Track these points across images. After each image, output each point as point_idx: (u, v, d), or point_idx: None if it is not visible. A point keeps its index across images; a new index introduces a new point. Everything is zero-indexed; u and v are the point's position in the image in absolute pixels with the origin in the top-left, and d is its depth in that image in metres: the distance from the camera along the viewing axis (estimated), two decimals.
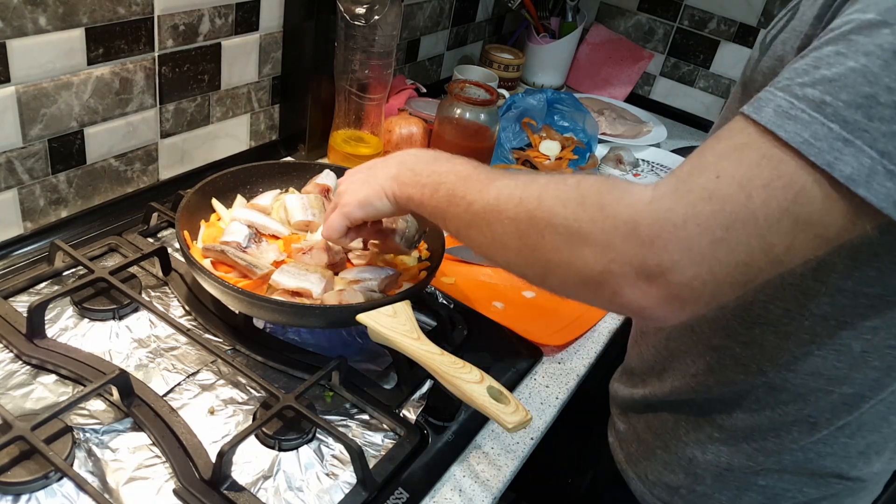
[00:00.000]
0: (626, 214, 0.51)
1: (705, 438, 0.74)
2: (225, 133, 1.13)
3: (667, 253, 0.49)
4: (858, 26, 0.47)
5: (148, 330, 0.82)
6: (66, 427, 0.67)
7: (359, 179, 0.75)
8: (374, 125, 1.22)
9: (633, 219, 0.50)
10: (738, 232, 0.48)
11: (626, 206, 0.51)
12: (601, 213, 0.52)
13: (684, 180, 0.50)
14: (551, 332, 0.96)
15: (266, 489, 0.68)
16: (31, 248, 0.91)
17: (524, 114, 1.42)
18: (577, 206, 0.54)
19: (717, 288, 0.50)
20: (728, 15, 1.69)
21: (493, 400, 0.66)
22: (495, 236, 0.60)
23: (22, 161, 0.87)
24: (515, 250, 0.59)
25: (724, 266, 0.49)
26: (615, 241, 0.51)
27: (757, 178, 0.48)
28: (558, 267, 0.55)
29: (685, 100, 1.82)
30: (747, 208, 0.48)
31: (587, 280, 0.53)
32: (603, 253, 0.52)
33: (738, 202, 0.48)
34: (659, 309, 0.51)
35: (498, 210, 0.59)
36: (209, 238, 0.87)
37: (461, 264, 1.06)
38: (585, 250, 0.53)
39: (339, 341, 0.88)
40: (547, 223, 0.55)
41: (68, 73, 0.86)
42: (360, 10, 1.09)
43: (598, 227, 0.52)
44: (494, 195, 0.60)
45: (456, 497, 0.72)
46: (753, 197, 0.48)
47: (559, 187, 0.56)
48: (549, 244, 0.55)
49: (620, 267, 0.51)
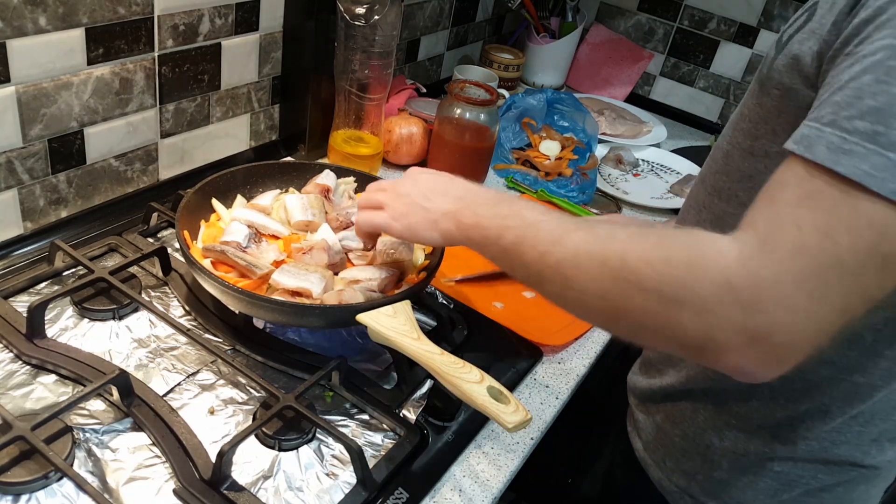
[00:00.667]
0: (720, 276, 0.50)
1: (722, 425, 0.76)
2: (225, 133, 1.13)
3: (769, 315, 0.48)
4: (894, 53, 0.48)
5: (148, 330, 0.82)
6: (66, 427, 0.67)
7: (413, 198, 0.73)
8: (374, 125, 1.22)
9: (728, 280, 0.49)
10: (833, 280, 0.48)
11: (716, 265, 0.50)
12: (692, 274, 0.51)
13: (767, 237, 0.50)
14: (551, 332, 0.96)
15: (266, 489, 0.68)
16: (31, 248, 0.91)
17: (524, 114, 1.42)
18: (664, 265, 0.52)
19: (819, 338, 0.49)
20: (728, 15, 1.69)
21: (493, 400, 0.66)
22: (575, 294, 0.58)
23: (22, 161, 0.87)
24: (599, 310, 0.57)
25: (825, 316, 0.49)
26: (713, 306, 0.50)
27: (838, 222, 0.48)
28: (653, 330, 0.54)
29: (685, 100, 1.82)
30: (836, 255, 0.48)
31: (687, 345, 0.52)
32: (702, 318, 0.50)
33: (826, 251, 0.48)
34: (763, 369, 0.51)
35: (577, 267, 0.57)
36: (209, 238, 0.87)
37: (462, 267, 1.06)
38: (683, 315, 0.51)
39: (339, 341, 0.88)
40: (635, 286, 0.53)
41: (68, 73, 0.86)
42: (360, 10, 1.09)
43: (692, 290, 0.51)
44: (572, 251, 0.58)
45: (456, 497, 0.72)
46: (840, 243, 0.48)
47: (642, 245, 0.54)
48: (640, 307, 0.53)
49: (723, 333, 0.50)
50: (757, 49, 1.68)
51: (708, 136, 1.74)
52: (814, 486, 0.75)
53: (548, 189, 1.31)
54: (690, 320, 0.51)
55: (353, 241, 0.90)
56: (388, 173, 1.29)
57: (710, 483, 0.78)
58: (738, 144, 0.70)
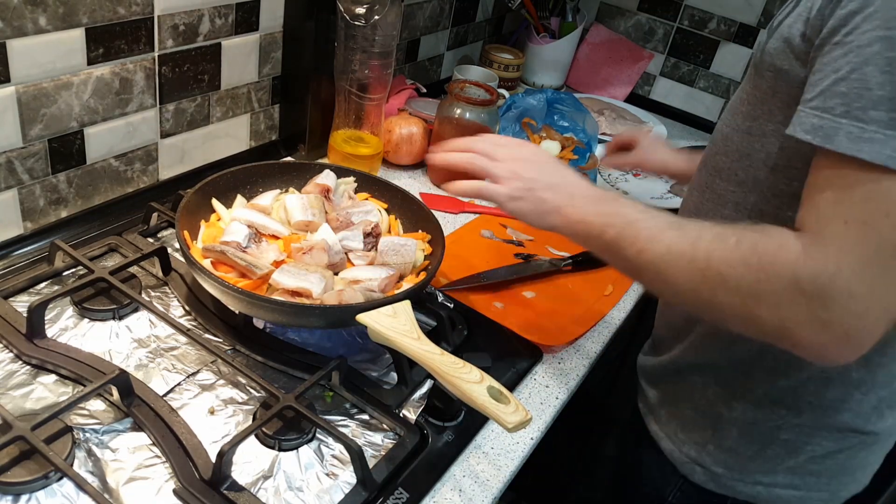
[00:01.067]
0: (788, 273, 0.57)
1: (729, 397, 0.80)
2: (225, 133, 1.13)
3: (835, 305, 0.55)
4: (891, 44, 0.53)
5: (148, 330, 0.82)
6: (66, 427, 0.67)
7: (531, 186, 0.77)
8: (374, 125, 1.22)
9: (795, 276, 0.56)
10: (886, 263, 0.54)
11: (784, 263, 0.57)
12: (765, 274, 0.58)
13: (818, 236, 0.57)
14: (551, 332, 0.96)
15: (266, 489, 0.68)
16: (31, 248, 0.91)
17: (524, 114, 1.42)
18: (742, 267, 0.60)
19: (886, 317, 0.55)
20: (728, 15, 1.69)
21: (493, 400, 0.66)
22: (668, 287, 0.67)
23: (22, 161, 0.87)
24: (690, 301, 0.66)
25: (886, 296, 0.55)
26: (784, 301, 0.57)
27: (876, 208, 0.54)
28: (735, 320, 0.62)
29: (685, 100, 1.82)
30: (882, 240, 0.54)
31: (766, 333, 0.60)
32: (777, 312, 0.58)
33: (872, 239, 0.54)
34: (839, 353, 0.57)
35: (670, 264, 0.65)
36: (209, 238, 0.87)
37: (462, 267, 1.06)
38: (760, 309, 0.59)
39: (340, 341, 0.88)
40: (719, 283, 0.61)
41: (68, 73, 0.86)
42: (360, 10, 1.09)
43: (765, 287, 0.58)
44: (665, 248, 0.65)
45: (456, 497, 0.72)
46: (882, 227, 0.54)
47: (724, 247, 0.62)
48: (723, 301, 0.61)
49: (796, 325, 0.57)
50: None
51: (708, 136, 1.74)
52: (819, 452, 0.79)
53: None
54: (768, 314, 0.58)
55: (353, 241, 0.90)
56: (388, 173, 1.29)
57: (721, 452, 0.82)
58: (737, 127, 0.74)
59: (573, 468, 1.64)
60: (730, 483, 0.83)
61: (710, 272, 0.62)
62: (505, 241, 1.16)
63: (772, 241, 0.59)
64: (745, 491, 0.83)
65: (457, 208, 1.23)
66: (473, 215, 1.22)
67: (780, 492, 0.82)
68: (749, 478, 0.82)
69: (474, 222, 1.20)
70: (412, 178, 1.30)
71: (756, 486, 0.82)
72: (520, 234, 1.19)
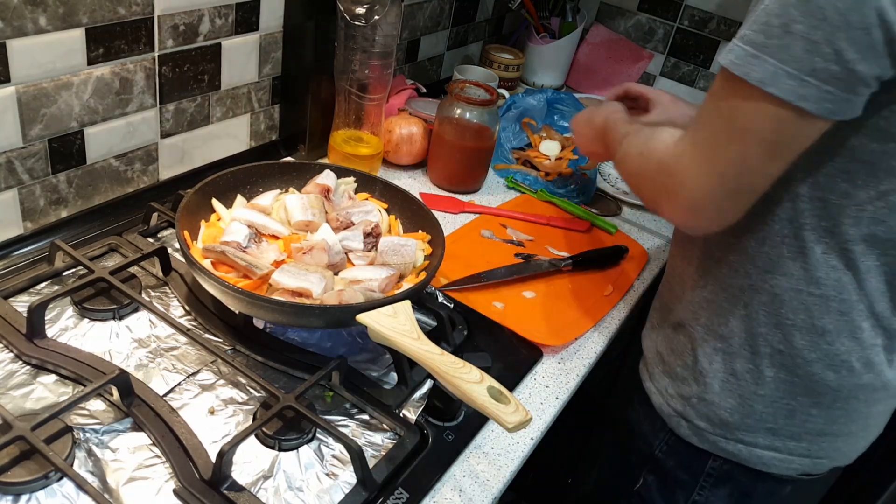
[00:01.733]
0: (656, 157, 0.75)
1: (710, 350, 0.84)
2: (225, 133, 1.13)
3: (678, 175, 0.71)
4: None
5: (148, 330, 0.82)
6: (66, 427, 0.67)
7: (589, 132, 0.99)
8: (374, 125, 1.22)
9: (659, 160, 0.74)
10: (722, 148, 0.67)
11: (656, 150, 0.75)
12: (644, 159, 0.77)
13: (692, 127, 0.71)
14: (551, 333, 0.96)
15: (266, 489, 0.68)
16: (31, 248, 0.91)
17: (524, 114, 1.42)
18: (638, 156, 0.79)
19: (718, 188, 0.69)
20: (728, 15, 1.69)
21: (493, 400, 0.66)
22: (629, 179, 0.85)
23: (22, 161, 0.87)
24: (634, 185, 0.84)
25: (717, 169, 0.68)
26: (653, 179, 0.75)
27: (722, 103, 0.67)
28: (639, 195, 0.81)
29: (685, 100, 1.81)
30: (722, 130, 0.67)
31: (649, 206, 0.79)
32: (650, 186, 0.77)
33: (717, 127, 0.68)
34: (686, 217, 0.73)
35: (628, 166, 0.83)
36: (209, 238, 0.87)
37: (462, 267, 1.06)
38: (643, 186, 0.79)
39: (340, 341, 0.88)
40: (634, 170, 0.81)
41: (68, 73, 0.86)
42: (360, 10, 1.09)
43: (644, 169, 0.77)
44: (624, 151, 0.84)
45: (456, 497, 0.72)
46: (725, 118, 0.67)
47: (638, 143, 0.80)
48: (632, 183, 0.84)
49: (658, 195, 0.75)
50: None
51: None
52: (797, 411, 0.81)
53: (548, 189, 1.31)
54: (647, 190, 0.78)
55: (354, 241, 0.90)
56: (388, 173, 1.29)
57: (703, 405, 0.86)
58: None
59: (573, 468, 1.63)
60: (712, 438, 0.86)
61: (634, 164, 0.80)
62: (505, 241, 1.16)
63: (660, 137, 0.75)
64: (726, 448, 0.85)
65: (457, 208, 1.23)
66: (473, 215, 1.22)
67: (760, 452, 0.84)
68: (731, 435, 0.85)
69: (474, 222, 1.20)
70: (412, 178, 1.30)
71: (738, 445, 0.85)
72: (520, 234, 1.19)
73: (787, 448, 0.84)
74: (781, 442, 0.83)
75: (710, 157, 0.68)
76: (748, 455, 0.85)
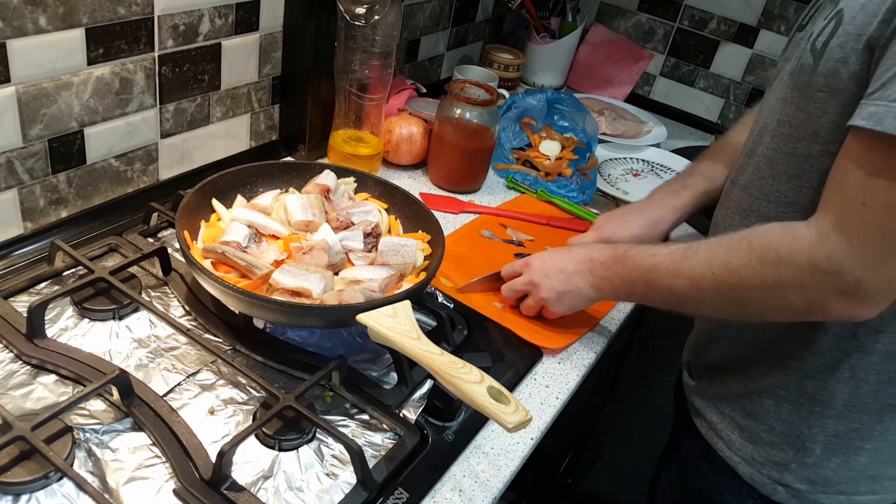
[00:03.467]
0: (804, 258, 0.67)
1: (807, 414, 0.80)
2: (225, 133, 1.13)
3: (850, 275, 0.64)
4: None
5: (148, 330, 0.82)
6: (66, 427, 0.67)
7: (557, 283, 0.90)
8: (374, 125, 1.22)
9: (811, 259, 0.66)
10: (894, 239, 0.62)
11: (799, 250, 0.67)
12: (784, 264, 0.68)
13: (839, 217, 0.65)
14: (551, 335, 0.96)
15: (266, 489, 0.68)
16: (31, 248, 0.91)
17: (524, 114, 1.42)
18: (761, 264, 0.69)
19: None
20: (728, 15, 1.69)
21: (493, 400, 0.66)
22: (704, 304, 0.76)
23: (22, 161, 0.87)
24: (727, 311, 0.76)
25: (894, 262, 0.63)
26: (807, 281, 0.67)
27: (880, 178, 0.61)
28: (769, 311, 0.72)
29: (685, 100, 1.82)
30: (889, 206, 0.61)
31: (798, 313, 0.70)
32: (801, 292, 0.68)
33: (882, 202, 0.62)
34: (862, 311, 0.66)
35: (700, 288, 0.75)
36: (209, 238, 0.87)
37: (462, 267, 1.06)
38: (787, 294, 0.69)
39: (340, 341, 0.88)
40: (745, 286, 0.71)
41: (68, 73, 0.86)
42: (360, 10, 1.09)
43: (786, 275, 0.68)
44: (689, 276, 0.76)
45: (456, 497, 0.72)
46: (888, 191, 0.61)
47: (737, 254, 0.72)
48: (753, 299, 0.71)
49: (822, 297, 0.67)
50: (757, 49, 1.68)
51: (708, 136, 1.74)
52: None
53: (548, 189, 1.31)
54: (795, 297, 0.68)
55: (354, 241, 0.90)
56: (388, 173, 1.29)
57: (804, 469, 0.82)
58: (779, 149, 0.76)
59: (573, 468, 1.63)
60: (812, 496, 0.83)
61: (734, 280, 0.71)
62: (505, 241, 1.16)
63: (785, 235, 0.68)
64: (826, 502, 0.83)
65: (457, 208, 1.23)
66: (473, 215, 1.22)
67: (860, 499, 0.83)
68: (832, 488, 0.82)
69: (474, 222, 1.20)
70: (412, 178, 1.30)
71: (839, 497, 0.82)
72: (520, 234, 1.19)
73: (885, 488, 0.83)
74: (880, 484, 0.82)
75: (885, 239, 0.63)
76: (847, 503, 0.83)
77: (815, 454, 0.81)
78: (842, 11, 0.68)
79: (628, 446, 1.62)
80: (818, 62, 0.70)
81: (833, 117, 0.69)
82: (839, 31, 0.68)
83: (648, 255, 0.81)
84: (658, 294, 0.79)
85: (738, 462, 0.87)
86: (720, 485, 0.90)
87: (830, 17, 0.70)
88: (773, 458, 0.84)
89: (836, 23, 0.69)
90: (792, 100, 0.74)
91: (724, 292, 0.73)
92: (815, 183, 0.72)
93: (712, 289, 0.73)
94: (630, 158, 1.53)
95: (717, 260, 0.73)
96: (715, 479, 0.90)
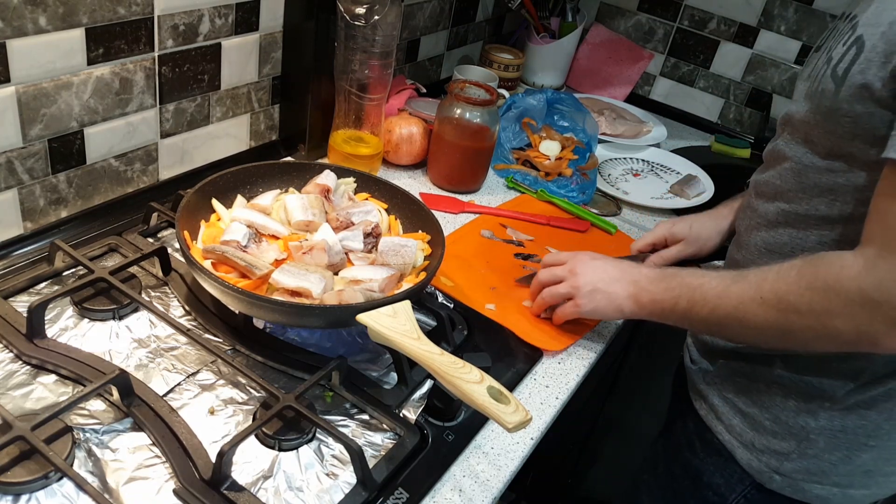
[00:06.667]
0: (854, 287, 0.66)
1: (816, 408, 0.80)
2: (225, 133, 1.13)
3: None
4: None
5: (148, 330, 0.82)
6: (66, 427, 0.67)
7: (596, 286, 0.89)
8: (374, 125, 1.22)
9: (861, 288, 0.65)
10: None
11: (848, 279, 0.66)
12: (833, 292, 0.67)
13: (884, 245, 0.65)
14: (551, 337, 0.96)
15: (266, 489, 0.68)
16: (31, 248, 0.91)
17: (524, 114, 1.42)
18: (810, 292, 0.69)
19: None
20: (728, 15, 1.69)
21: (493, 400, 0.66)
22: (748, 329, 0.75)
23: (22, 161, 0.87)
24: (773, 337, 0.75)
25: None
26: (857, 310, 0.66)
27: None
28: (816, 339, 0.71)
29: (685, 100, 1.82)
30: None
31: (846, 343, 0.69)
32: (850, 321, 0.67)
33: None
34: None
35: (745, 312, 0.74)
36: (209, 238, 0.87)
37: (462, 267, 1.06)
38: (835, 323, 0.68)
39: (340, 341, 0.88)
40: (793, 313, 0.70)
41: (68, 73, 0.86)
42: (360, 10, 1.09)
43: (836, 304, 0.67)
44: (736, 299, 0.75)
45: (456, 497, 0.72)
46: None
47: (786, 280, 0.71)
48: (800, 326, 0.70)
49: (871, 327, 0.66)
50: (757, 49, 1.68)
51: (708, 136, 1.74)
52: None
53: (548, 189, 1.31)
54: (844, 326, 0.67)
55: (353, 241, 0.90)
56: (388, 173, 1.29)
57: (804, 460, 0.82)
58: (812, 164, 0.77)
59: (573, 468, 1.64)
60: (807, 487, 0.83)
61: (782, 305, 0.71)
62: (505, 241, 1.16)
63: (833, 264, 0.68)
64: (820, 494, 0.83)
65: (457, 208, 1.23)
66: (473, 215, 1.22)
67: (853, 492, 0.83)
68: (827, 480, 0.83)
69: (474, 222, 1.20)
70: (412, 178, 1.30)
71: (833, 489, 0.83)
72: (520, 234, 1.19)
73: (877, 483, 0.83)
74: (873, 479, 0.83)
75: None
76: (841, 496, 0.83)
77: (817, 446, 0.81)
78: (861, 38, 0.70)
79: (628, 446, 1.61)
80: (840, 88, 0.71)
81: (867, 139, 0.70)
82: (860, 59, 0.69)
83: (697, 275, 0.81)
84: (699, 314, 0.78)
85: (737, 447, 0.87)
86: (712, 466, 0.90)
87: (850, 44, 0.71)
88: (774, 447, 0.84)
89: (856, 50, 0.70)
90: (817, 124, 0.75)
91: (770, 316, 0.72)
92: (849, 196, 0.73)
93: (758, 312, 0.73)
94: (630, 158, 1.53)
95: (767, 285, 0.73)
96: (707, 461, 0.90)
